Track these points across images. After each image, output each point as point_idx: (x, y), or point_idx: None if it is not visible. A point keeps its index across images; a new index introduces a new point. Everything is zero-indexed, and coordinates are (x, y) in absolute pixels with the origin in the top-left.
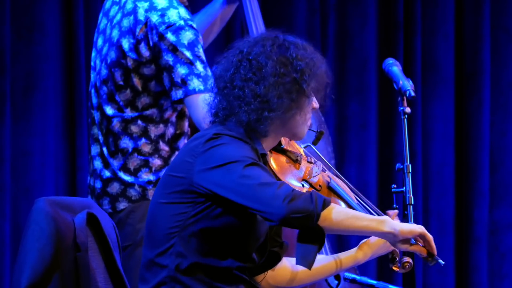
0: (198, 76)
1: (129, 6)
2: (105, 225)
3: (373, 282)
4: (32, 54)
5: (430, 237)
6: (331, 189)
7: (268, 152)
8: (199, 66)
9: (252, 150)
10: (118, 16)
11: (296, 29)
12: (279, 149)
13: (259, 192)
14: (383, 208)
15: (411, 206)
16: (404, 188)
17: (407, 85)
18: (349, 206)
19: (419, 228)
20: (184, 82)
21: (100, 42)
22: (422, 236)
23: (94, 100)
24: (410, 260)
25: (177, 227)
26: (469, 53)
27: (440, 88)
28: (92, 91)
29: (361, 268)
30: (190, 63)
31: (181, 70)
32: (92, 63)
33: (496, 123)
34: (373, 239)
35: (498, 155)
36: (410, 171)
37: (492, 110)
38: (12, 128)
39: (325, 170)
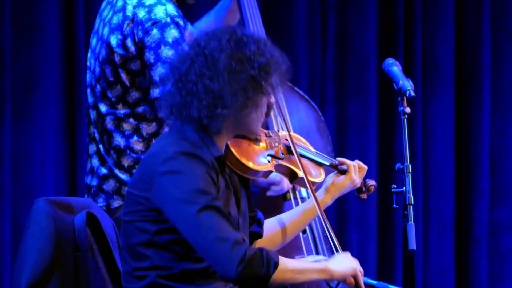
0: None
1: (119, 4)
2: (105, 225)
3: (373, 282)
4: (32, 54)
5: (360, 277)
6: (291, 152)
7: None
8: None
9: (209, 168)
10: (109, 15)
11: (296, 29)
12: None
13: (214, 249)
14: (383, 209)
15: (411, 206)
16: (404, 188)
17: (407, 85)
18: (311, 159)
19: (352, 270)
20: (162, 81)
21: (94, 42)
22: (354, 276)
23: (90, 99)
24: (374, 182)
25: (146, 243)
26: (469, 53)
27: (440, 88)
28: (88, 90)
29: None
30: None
31: (161, 70)
32: (88, 63)
33: (496, 123)
34: (339, 179)
35: (498, 155)
36: (410, 171)
37: (492, 110)
38: (12, 128)
39: (283, 130)
